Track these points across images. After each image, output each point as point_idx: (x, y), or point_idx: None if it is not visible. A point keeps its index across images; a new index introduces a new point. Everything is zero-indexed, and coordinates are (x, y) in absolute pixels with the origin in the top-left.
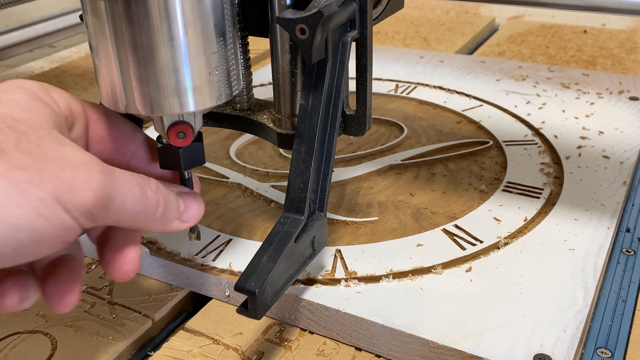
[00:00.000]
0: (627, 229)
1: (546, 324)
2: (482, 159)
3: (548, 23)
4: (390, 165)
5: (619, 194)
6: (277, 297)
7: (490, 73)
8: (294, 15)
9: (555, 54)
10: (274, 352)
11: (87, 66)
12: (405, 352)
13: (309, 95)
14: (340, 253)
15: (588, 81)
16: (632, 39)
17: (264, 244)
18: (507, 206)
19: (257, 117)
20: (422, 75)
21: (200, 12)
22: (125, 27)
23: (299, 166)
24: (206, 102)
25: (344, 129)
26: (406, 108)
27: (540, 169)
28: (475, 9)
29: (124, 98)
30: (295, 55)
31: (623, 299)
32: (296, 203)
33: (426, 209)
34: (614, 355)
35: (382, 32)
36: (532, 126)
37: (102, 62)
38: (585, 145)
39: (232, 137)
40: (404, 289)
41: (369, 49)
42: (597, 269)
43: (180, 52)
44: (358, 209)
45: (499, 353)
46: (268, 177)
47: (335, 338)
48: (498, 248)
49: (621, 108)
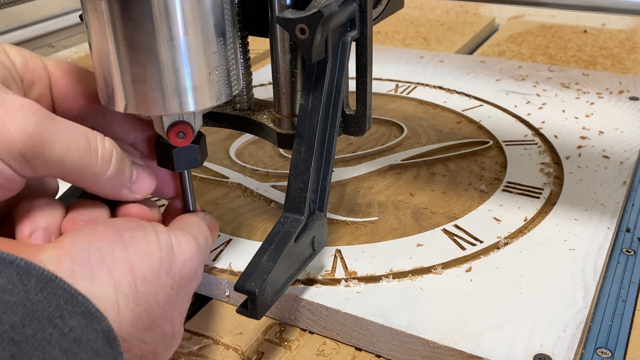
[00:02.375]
0: (627, 229)
1: (546, 324)
2: (482, 159)
3: (548, 23)
4: (390, 165)
5: (619, 194)
6: (277, 297)
7: (490, 73)
8: (294, 15)
9: (555, 54)
10: (274, 352)
11: (87, 66)
12: (405, 352)
13: (309, 95)
14: (340, 253)
15: (588, 81)
16: (632, 39)
17: (264, 244)
18: (507, 206)
19: (257, 117)
20: (422, 75)
21: (200, 12)
22: (125, 27)
23: (299, 166)
24: (206, 102)
25: (344, 129)
26: (406, 108)
27: (540, 169)
28: (475, 9)
29: (123, 98)
30: (295, 55)
31: (623, 299)
32: (296, 203)
33: (426, 209)
34: (614, 355)
35: (382, 32)
36: (532, 126)
37: (101, 62)
38: (585, 145)
39: (232, 137)
40: (404, 289)
41: (369, 49)
42: (597, 269)
43: (180, 52)
44: (358, 209)
45: (499, 353)
46: (268, 177)
47: (335, 338)
48: (498, 248)
49: (621, 108)
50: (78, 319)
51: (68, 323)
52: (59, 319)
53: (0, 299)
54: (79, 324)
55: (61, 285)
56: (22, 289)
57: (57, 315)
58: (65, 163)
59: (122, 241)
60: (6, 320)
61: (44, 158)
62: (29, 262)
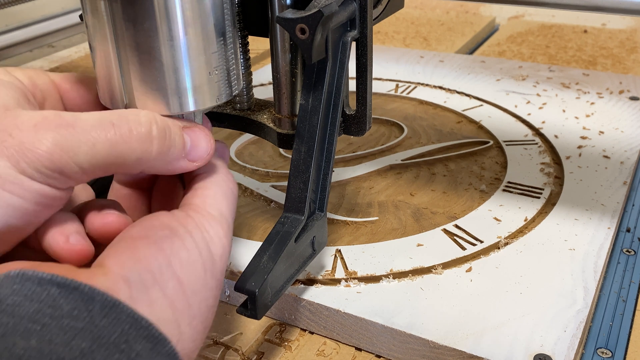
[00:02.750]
0: (627, 229)
1: (546, 324)
2: (482, 158)
3: (548, 23)
4: (390, 165)
5: (619, 193)
6: (277, 297)
7: (491, 73)
8: (294, 15)
9: (556, 54)
10: (274, 352)
11: (87, 66)
12: (405, 352)
13: (309, 95)
14: (340, 253)
15: (588, 81)
16: (632, 39)
17: (264, 244)
18: (508, 206)
19: (257, 117)
20: (422, 75)
21: (200, 12)
22: (125, 26)
23: (299, 166)
24: (206, 102)
25: (344, 129)
26: (406, 108)
27: (540, 168)
28: (476, 9)
29: (124, 98)
30: (295, 55)
31: (623, 299)
32: (296, 203)
33: (426, 209)
34: (614, 356)
35: (382, 32)
36: (532, 126)
37: (101, 62)
38: (586, 145)
39: (232, 137)
40: (404, 289)
41: (369, 48)
42: (598, 269)
43: (180, 51)
44: (358, 209)
45: (499, 353)
46: (268, 177)
47: (336, 338)
48: (498, 248)
49: (621, 108)
50: (143, 344)
51: (134, 348)
52: (125, 344)
53: (67, 326)
54: (144, 348)
55: (125, 310)
56: (88, 315)
57: (122, 340)
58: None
59: (165, 255)
60: (76, 347)
61: (75, 164)
62: (92, 287)
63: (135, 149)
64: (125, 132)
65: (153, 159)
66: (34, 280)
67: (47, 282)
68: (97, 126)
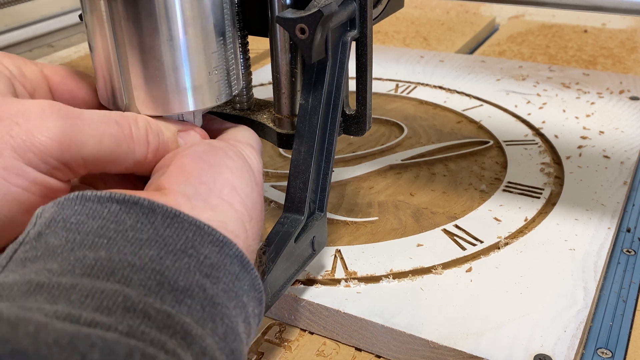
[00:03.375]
0: (627, 229)
1: (546, 324)
2: (482, 158)
3: (548, 23)
4: (390, 165)
5: (619, 194)
6: (277, 297)
7: (491, 73)
8: (294, 14)
9: (556, 54)
10: (274, 352)
11: (87, 66)
12: (405, 352)
13: (309, 95)
14: (340, 253)
15: (588, 81)
16: (632, 39)
17: (263, 244)
18: (508, 206)
19: (257, 117)
20: (422, 75)
21: (199, 12)
22: (124, 26)
23: (299, 166)
24: (206, 102)
25: (344, 129)
26: (406, 108)
27: (540, 168)
28: (476, 9)
29: (123, 98)
30: (295, 55)
31: (623, 299)
32: (296, 203)
33: (426, 209)
34: (614, 356)
35: (382, 32)
36: (532, 126)
37: (101, 61)
38: (586, 145)
39: None
40: (404, 289)
41: (369, 48)
42: (598, 269)
43: (179, 51)
44: (358, 209)
45: (499, 353)
46: (268, 177)
47: (335, 338)
48: (498, 248)
49: (622, 108)
50: (210, 247)
51: (201, 252)
52: (192, 249)
53: (133, 237)
54: (211, 251)
55: (187, 219)
56: (151, 227)
57: (189, 246)
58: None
59: (213, 167)
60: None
61: (80, 157)
62: (152, 200)
63: (134, 150)
64: (128, 132)
65: (148, 162)
66: (94, 199)
67: (106, 200)
68: (103, 122)
